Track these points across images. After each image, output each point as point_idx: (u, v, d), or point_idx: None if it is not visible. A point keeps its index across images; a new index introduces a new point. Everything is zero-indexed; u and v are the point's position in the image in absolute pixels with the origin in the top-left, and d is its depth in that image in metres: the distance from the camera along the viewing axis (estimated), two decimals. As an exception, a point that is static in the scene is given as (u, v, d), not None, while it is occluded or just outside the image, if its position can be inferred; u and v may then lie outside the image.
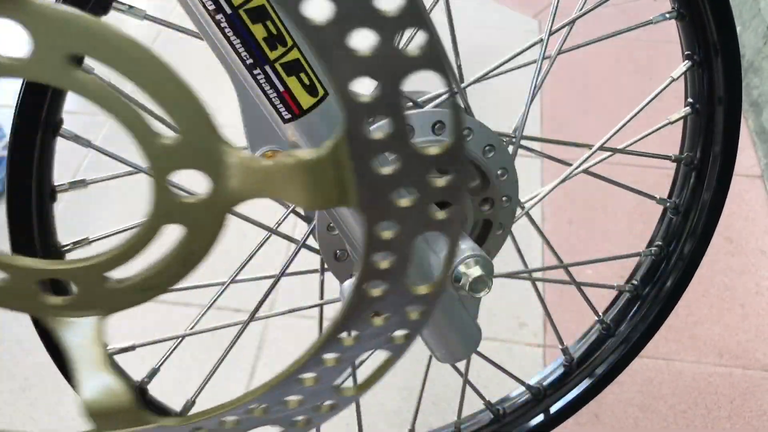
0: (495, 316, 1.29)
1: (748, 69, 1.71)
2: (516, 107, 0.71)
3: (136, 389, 0.75)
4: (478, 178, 0.68)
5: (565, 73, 1.84)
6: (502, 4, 2.09)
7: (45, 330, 0.67)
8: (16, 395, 1.17)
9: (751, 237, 1.45)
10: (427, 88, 0.65)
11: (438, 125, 0.63)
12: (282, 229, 0.72)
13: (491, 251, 0.73)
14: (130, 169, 0.65)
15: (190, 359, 1.22)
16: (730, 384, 1.21)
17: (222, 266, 1.38)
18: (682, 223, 0.84)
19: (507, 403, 0.94)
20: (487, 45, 1.92)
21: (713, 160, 0.79)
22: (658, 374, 1.22)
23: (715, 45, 0.72)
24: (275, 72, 0.50)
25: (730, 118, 0.76)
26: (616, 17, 1.95)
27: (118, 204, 1.49)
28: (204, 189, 0.35)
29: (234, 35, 0.48)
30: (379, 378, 0.44)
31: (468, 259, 0.60)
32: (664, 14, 0.74)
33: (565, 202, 1.51)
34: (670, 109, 0.83)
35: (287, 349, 1.24)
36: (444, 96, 0.68)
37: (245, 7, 0.47)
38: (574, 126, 1.70)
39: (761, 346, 1.26)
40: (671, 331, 1.28)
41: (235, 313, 1.30)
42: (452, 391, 1.18)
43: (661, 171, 1.56)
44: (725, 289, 1.35)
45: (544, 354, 1.24)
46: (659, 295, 0.88)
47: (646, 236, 0.91)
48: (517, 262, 0.90)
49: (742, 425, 1.15)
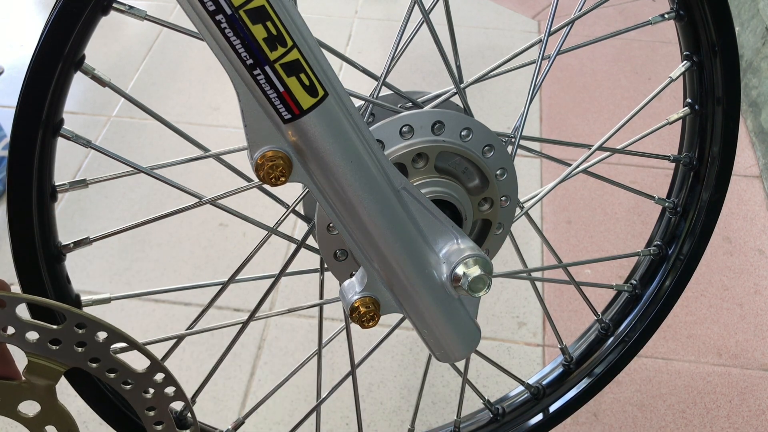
0: (494, 315, 1.30)
1: (747, 69, 1.71)
2: (515, 107, 0.71)
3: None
4: (477, 178, 0.68)
5: (565, 74, 1.84)
6: (502, 5, 2.09)
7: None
8: (16, 395, 1.17)
9: (750, 237, 1.45)
10: (427, 88, 0.65)
11: (437, 125, 0.63)
12: (282, 229, 0.72)
13: (490, 251, 0.74)
14: (130, 169, 0.65)
15: (190, 359, 1.22)
16: (729, 383, 1.21)
17: (222, 266, 1.39)
18: (681, 223, 0.85)
19: (506, 402, 0.94)
20: (487, 45, 1.93)
21: (712, 160, 0.79)
22: (657, 374, 1.22)
23: (714, 45, 0.72)
24: (275, 72, 0.50)
25: (728, 118, 0.76)
26: (615, 18, 1.96)
27: (118, 204, 1.49)
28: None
29: (234, 36, 0.48)
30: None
31: (467, 259, 0.60)
32: (662, 15, 0.74)
33: (564, 202, 1.51)
34: (669, 109, 0.84)
35: (287, 348, 1.24)
36: (444, 96, 0.68)
37: (245, 8, 0.47)
38: (574, 126, 1.70)
39: (760, 346, 1.26)
40: (670, 330, 1.28)
41: (235, 312, 1.30)
42: (451, 391, 1.18)
43: (660, 171, 1.56)
44: (724, 288, 1.36)
45: (543, 353, 1.24)
46: (658, 295, 0.88)
47: (644, 236, 0.91)
48: (516, 261, 0.90)
49: (741, 424, 1.16)
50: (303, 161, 0.54)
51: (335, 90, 0.53)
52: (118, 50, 1.91)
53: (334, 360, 1.22)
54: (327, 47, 0.61)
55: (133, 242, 1.41)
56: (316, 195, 0.57)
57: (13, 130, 0.58)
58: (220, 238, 1.42)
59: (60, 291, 0.67)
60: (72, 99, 1.70)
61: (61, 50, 0.55)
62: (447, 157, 0.66)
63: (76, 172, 1.55)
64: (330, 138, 0.53)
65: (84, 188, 0.65)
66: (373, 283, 0.62)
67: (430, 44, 0.68)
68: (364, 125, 0.55)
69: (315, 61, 0.51)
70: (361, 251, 0.60)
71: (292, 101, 0.51)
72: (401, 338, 1.25)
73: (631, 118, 0.76)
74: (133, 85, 1.80)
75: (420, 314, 0.63)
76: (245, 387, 1.19)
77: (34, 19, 2.04)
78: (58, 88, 0.57)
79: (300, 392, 1.18)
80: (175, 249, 1.40)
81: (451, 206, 0.66)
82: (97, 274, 1.35)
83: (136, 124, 1.68)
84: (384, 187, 0.57)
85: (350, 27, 2.01)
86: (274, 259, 1.37)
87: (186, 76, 1.83)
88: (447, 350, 0.66)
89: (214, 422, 0.89)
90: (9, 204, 0.60)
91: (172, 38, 1.94)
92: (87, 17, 0.55)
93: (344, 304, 0.64)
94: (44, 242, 0.63)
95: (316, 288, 1.34)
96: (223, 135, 1.66)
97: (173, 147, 1.61)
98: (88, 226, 1.44)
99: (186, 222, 1.45)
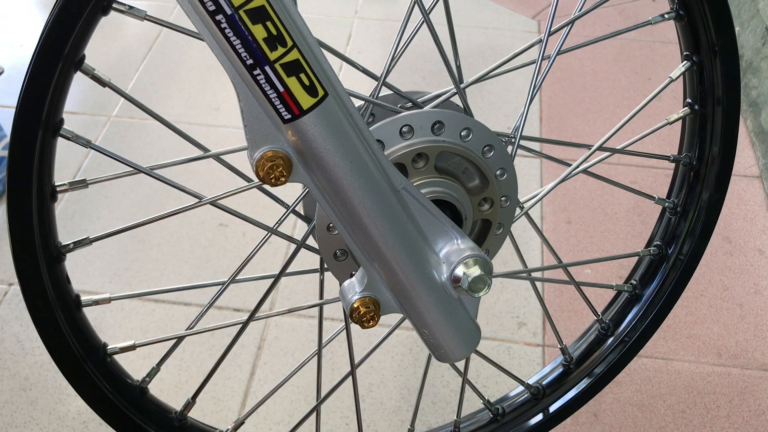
0: (494, 315, 1.30)
1: (747, 69, 1.71)
2: (515, 107, 0.71)
3: (137, 389, 0.75)
4: (477, 178, 0.68)
5: (565, 74, 1.84)
6: (502, 5, 2.09)
7: (45, 330, 0.67)
8: (16, 395, 1.17)
9: (750, 237, 1.45)
10: (427, 88, 0.65)
11: (437, 125, 0.63)
12: (282, 229, 0.72)
13: (490, 251, 0.74)
14: (130, 169, 0.65)
15: (190, 359, 1.22)
16: (729, 383, 1.21)
17: (222, 266, 1.39)
18: (681, 223, 0.85)
19: (506, 402, 0.94)
20: (487, 45, 1.93)
21: (712, 160, 0.79)
22: (657, 374, 1.22)
23: (714, 45, 0.72)
24: (275, 72, 0.50)
25: (728, 118, 0.76)
26: (615, 18, 1.96)
27: (118, 204, 1.49)
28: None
29: (234, 36, 0.48)
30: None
31: (467, 259, 0.60)
32: (662, 15, 0.74)
33: (564, 202, 1.51)
34: (668, 109, 0.84)
35: (287, 348, 1.24)
36: (444, 96, 0.68)
37: (245, 8, 0.47)
38: (573, 126, 1.70)
39: (759, 346, 1.27)
40: (670, 330, 1.28)
41: (235, 313, 1.30)
42: (451, 391, 1.19)
43: (660, 171, 1.56)
44: (724, 288, 1.36)
45: (543, 353, 1.24)
46: (658, 295, 0.88)
47: (644, 236, 0.91)
48: (516, 261, 0.91)
49: (741, 424, 1.16)
50: (303, 161, 0.54)
51: (335, 90, 0.53)
52: (118, 50, 1.91)
53: (334, 360, 1.22)
54: (327, 47, 0.61)
55: (133, 242, 1.41)
56: (316, 195, 0.57)
57: (13, 130, 0.58)
58: (220, 238, 1.43)
59: (60, 291, 0.67)
60: (72, 99, 1.70)
61: (61, 50, 0.55)
62: (447, 157, 0.66)
63: (76, 172, 1.55)
64: (330, 138, 0.53)
65: (84, 188, 0.65)
66: (373, 283, 0.62)
67: (430, 44, 0.68)
68: (364, 125, 0.55)
69: (315, 61, 0.51)
70: (361, 251, 0.60)
71: (292, 101, 0.51)
72: (401, 338, 1.25)
73: (631, 118, 0.76)
74: (133, 85, 1.80)
75: (420, 314, 0.63)
76: (245, 387, 1.19)
77: (34, 19, 2.04)
78: (58, 88, 0.57)
79: (300, 392, 1.18)
80: (175, 249, 1.40)
81: (451, 206, 0.66)
82: (97, 274, 1.35)
83: (136, 124, 1.68)
84: (384, 187, 0.57)
85: (350, 27, 2.01)
86: (274, 259, 1.37)
87: (186, 76, 1.83)
88: (447, 350, 0.66)
89: (214, 422, 0.89)
90: (9, 204, 0.60)
91: (172, 38, 1.94)
92: (87, 17, 0.55)
93: (344, 304, 0.64)
94: (44, 242, 0.63)
95: (316, 288, 1.34)
96: (223, 135, 1.66)
97: (173, 147, 1.61)
98: (88, 226, 1.44)
99: (186, 222, 1.45)
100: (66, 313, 0.67)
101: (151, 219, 0.67)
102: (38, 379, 1.19)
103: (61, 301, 0.66)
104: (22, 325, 1.27)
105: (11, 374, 1.20)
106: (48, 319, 0.66)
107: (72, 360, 0.69)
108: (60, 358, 0.69)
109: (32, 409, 1.15)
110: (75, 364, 0.70)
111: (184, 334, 0.75)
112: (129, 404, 0.74)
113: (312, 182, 0.56)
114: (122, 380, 0.74)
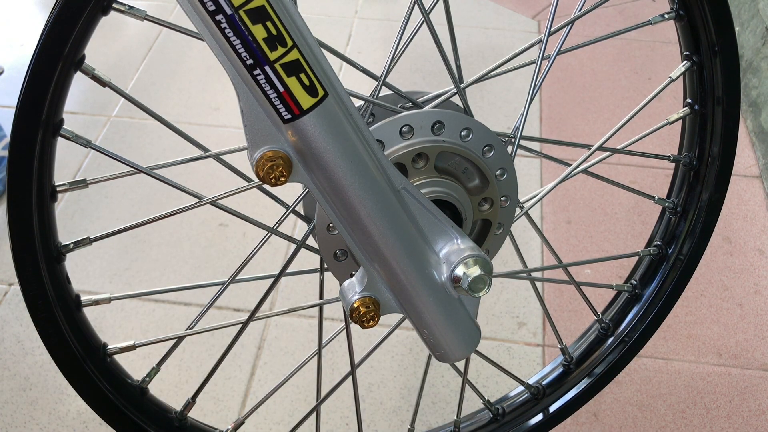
0: (494, 315, 1.30)
1: (747, 69, 1.71)
2: (515, 107, 0.71)
3: (137, 389, 0.75)
4: (477, 178, 0.68)
5: (565, 74, 1.84)
6: (502, 5, 2.09)
7: (45, 330, 0.67)
8: (16, 395, 1.17)
9: (750, 237, 1.45)
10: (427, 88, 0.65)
11: (437, 125, 0.63)
12: (282, 229, 0.72)
13: (490, 251, 0.74)
14: (130, 169, 0.65)
15: (190, 359, 1.22)
16: (729, 383, 1.21)
17: (222, 266, 1.39)
18: (681, 223, 0.85)
19: (506, 402, 0.94)
20: (487, 45, 1.93)
21: (712, 160, 0.79)
22: (657, 374, 1.22)
23: (714, 45, 0.72)
24: (275, 72, 0.50)
25: (728, 118, 0.76)
26: (615, 18, 1.96)
27: (118, 204, 1.49)
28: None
29: (234, 36, 0.48)
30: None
31: (467, 259, 0.60)
32: (662, 15, 0.74)
33: (564, 202, 1.51)
34: (668, 109, 0.84)
35: (287, 348, 1.24)
36: (444, 96, 0.68)
37: (245, 8, 0.47)
38: (574, 126, 1.70)
39: (760, 346, 1.27)
40: (670, 330, 1.28)
41: (235, 313, 1.30)
42: (451, 391, 1.19)
43: (660, 171, 1.56)
44: (724, 288, 1.36)
45: (543, 353, 1.24)
46: (658, 295, 0.88)
47: (644, 236, 0.91)
48: (516, 261, 0.91)
49: (741, 424, 1.16)
50: (303, 161, 0.54)
51: (335, 90, 0.53)
52: (118, 50, 1.91)
53: (334, 360, 1.22)
54: (327, 47, 0.61)
55: (133, 242, 1.41)
56: (316, 195, 0.57)
57: (13, 130, 0.58)
58: (220, 238, 1.43)
59: (60, 291, 0.67)
60: (72, 99, 1.70)
61: (61, 50, 0.55)
62: (447, 157, 0.66)
63: (76, 172, 1.55)
64: (330, 138, 0.53)
65: (84, 188, 0.65)
66: (373, 283, 0.62)
67: (430, 44, 0.68)
68: (364, 125, 0.55)
69: (315, 61, 0.51)
70: (361, 251, 0.60)
71: (292, 101, 0.51)
72: (401, 338, 1.25)
73: (631, 118, 0.76)
74: (133, 85, 1.80)
75: (420, 314, 0.63)
76: (245, 387, 1.19)
77: (34, 19, 2.04)
78: (58, 88, 0.57)
79: (300, 392, 1.18)
80: (175, 249, 1.40)
81: (451, 206, 0.66)
82: (97, 274, 1.35)
83: (136, 124, 1.68)
84: (384, 187, 0.57)
85: (350, 27, 2.01)
86: (274, 259, 1.37)
87: (186, 76, 1.83)
88: (447, 350, 0.66)
89: (214, 422, 0.89)
90: (9, 204, 0.60)
91: (172, 38, 1.94)
92: (87, 17, 0.55)
93: (344, 304, 0.64)
94: (44, 242, 0.63)
95: (316, 288, 1.34)
96: (223, 135, 1.66)
97: (173, 147, 1.61)
98: (88, 226, 1.44)
99: (186, 222, 1.45)
100: (66, 313, 0.67)
101: (151, 219, 0.67)
102: (38, 379, 1.19)
103: (61, 301, 0.66)
104: (22, 325, 1.27)
105: (11, 374, 1.20)
106: (48, 319, 0.66)
107: (72, 360, 0.69)
108: (60, 358, 0.69)
109: (32, 409, 1.15)
110: (75, 364, 0.70)
111: (184, 334, 0.75)
112: (129, 404, 0.74)
113: (312, 182, 0.56)
114: (122, 380, 0.74)
